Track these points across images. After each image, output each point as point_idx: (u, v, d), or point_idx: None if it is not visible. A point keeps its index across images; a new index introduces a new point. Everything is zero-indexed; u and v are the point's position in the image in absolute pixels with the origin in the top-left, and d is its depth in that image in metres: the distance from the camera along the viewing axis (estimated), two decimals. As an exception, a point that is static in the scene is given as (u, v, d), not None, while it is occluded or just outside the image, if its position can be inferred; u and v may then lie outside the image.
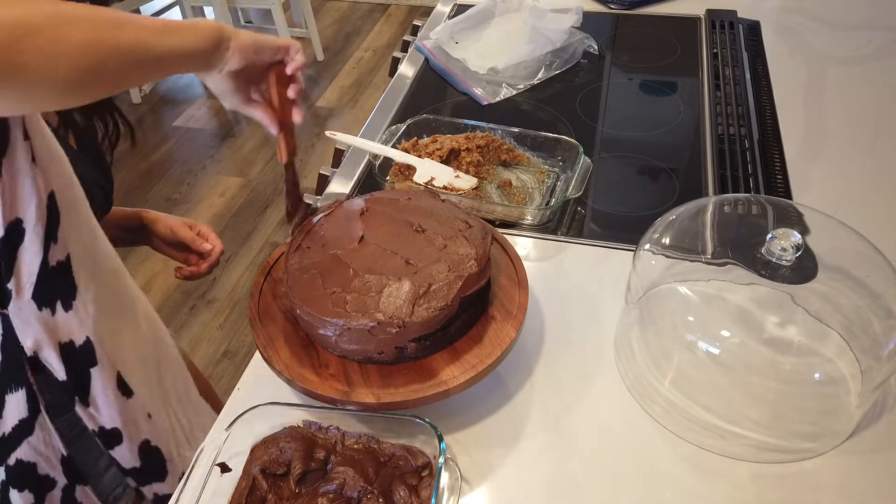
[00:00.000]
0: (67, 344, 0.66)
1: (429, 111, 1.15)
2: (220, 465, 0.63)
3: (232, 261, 2.27)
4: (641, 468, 0.65)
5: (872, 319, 0.64)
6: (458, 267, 0.67)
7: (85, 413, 0.72)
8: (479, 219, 0.75)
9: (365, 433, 0.66)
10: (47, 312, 0.63)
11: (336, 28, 3.64)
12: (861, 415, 0.66)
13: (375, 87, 3.09)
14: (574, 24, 1.28)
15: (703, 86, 1.19)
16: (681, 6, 1.44)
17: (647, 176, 1.03)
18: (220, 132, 2.89)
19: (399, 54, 1.38)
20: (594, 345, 0.76)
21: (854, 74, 1.20)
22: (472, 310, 0.69)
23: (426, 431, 0.63)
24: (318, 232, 0.74)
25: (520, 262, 0.76)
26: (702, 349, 0.63)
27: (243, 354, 1.97)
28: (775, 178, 0.97)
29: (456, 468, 0.65)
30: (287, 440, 0.65)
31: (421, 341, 0.65)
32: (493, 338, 0.68)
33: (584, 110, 1.16)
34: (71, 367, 0.68)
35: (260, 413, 0.65)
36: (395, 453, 0.64)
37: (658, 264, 0.70)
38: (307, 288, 0.67)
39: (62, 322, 0.65)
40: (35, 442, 0.69)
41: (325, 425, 0.66)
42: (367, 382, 0.65)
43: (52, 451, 0.71)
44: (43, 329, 0.64)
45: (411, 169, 0.95)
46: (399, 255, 0.69)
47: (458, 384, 0.64)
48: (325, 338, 0.66)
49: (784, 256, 0.63)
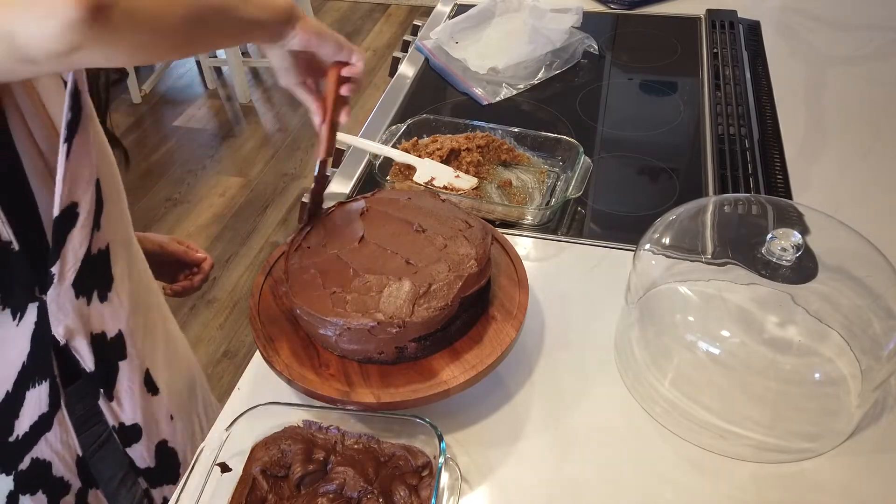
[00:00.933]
0: (99, 335, 0.66)
1: (429, 111, 1.14)
2: (220, 465, 0.63)
3: (232, 261, 2.27)
4: (641, 468, 0.65)
5: (872, 319, 0.64)
6: (459, 267, 0.67)
7: (107, 407, 0.71)
8: (479, 219, 0.75)
9: (365, 433, 0.66)
10: (83, 301, 0.63)
11: (336, 28, 3.62)
12: (861, 415, 0.66)
13: (375, 87, 3.09)
14: (574, 24, 1.28)
15: (704, 86, 1.19)
16: (681, 6, 1.44)
17: (647, 176, 1.03)
18: (220, 132, 2.90)
19: (399, 54, 1.38)
20: (594, 345, 0.76)
21: (854, 74, 1.20)
22: (473, 310, 0.69)
23: (426, 431, 0.63)
24: (318, 232, 0.74)
25: (520, 262, 0.76)
26: (702, 349, 0.63)
27: (243, 354, 1.97)
28: (775, 178, 0.97)
29: (456, 468, 0.65)
30: (287, 441, 0.65)
31: (421, 341, 0.65)
32: (494, 338, 0.68)
33: (584, 110, 1.16)
34: (101, 359, 0.67)
35: (260, 413, 0.65)
36: (395, 453, 0.64)
37: (658, 264, 0.70)
38: (307, 287, 0.67)
39: (96, 313, 0.65)
40: (52, 439, 0.68)
41: (324, 425, 0.66)
42: (368, 382, 0.65)
43: (69, 451, 0.70)
44: (77, 317, 0.63)
45: (411, 169, 0.95)
46: (399, 254, 0.69)
47: (458, 384, 0.64)
48: (325, 337, 0.66)
49: (784, 256, 0.63)
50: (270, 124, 2.94)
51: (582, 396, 0.71)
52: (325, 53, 0.68)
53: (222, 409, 0.73)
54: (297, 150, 2.76)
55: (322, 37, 0.67)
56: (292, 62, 0.68)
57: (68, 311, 0.62)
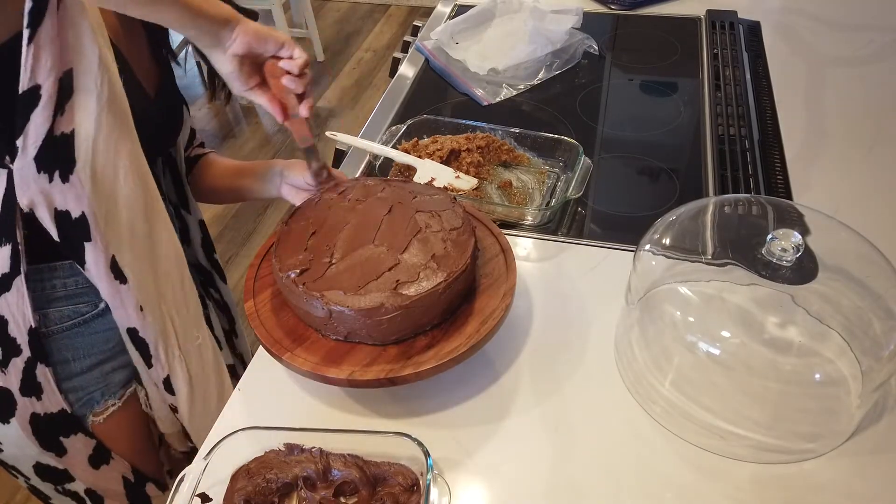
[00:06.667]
0: (63, 213, 0.69)
1: (429, 112, 1.15)
2: (199, 496, 0.61)
3: (232, 261, 2.27)
4: (641, 469, 0.65)
5: (873, 320, 0.64)
6: (444, 253, 0.69)
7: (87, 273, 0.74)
8: (460, 204, 0.77)
9: (350, 452, 0.64)
10: (45, 178, 0.67)
11: (336, 28, 3.64)
12: (861, 415, 0.66)
13: (376, 88, 3.09)
14: (574, 25, 1.28)
15: (704, 86, 1.19)
16: (681, 6, 1.44)
17: (648, 176, 1.03)
18: (220, 132, 2.90)
19: (399, 55, 1.38)
20: (594, 345, 0.76)
21: (854, 75, 1.20)
22: (458, 295, 0.70)
23: (412, 448, 0.62)
24: (300, 219, 0.76)
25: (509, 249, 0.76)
26: (702, 350, 0.63)
27: (243, 355, 1.97)
28: (775, 179, 0.97)
29: (444, 483, 0.64)
30: (273, 471, 0.63)
31: (407, 325, 0.66)
32: (479, 319, 0.69)
33: (584, 111, 1.16)
34: (65, 235, 0.70)
35: (239, 438, 0.64)
36: (381, 472, 0.63)
37: (658, 265, 0.70)
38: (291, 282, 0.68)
39: (58, 190, 0.68)
40: (11, 300, 0.73)
41: (307, 447, 0.64)
42: (350, 363, 0.66)
43: (23, 318, 0.74)
44: (39, 191, 0.67)
45: (412, 169, 0.95)
46: (385, 241, 0.71)
47: (430, 367, 0.65)
48: (313, 318, 0.68)
49: (784, 257, 0.63)
50: (270, 125, 2.94)
51: (582, 397, 0.71)
52: (268, 51, 0.74)
53: (222, 410, 0.73)
54: (297, 151, 2.75)
55: (262, 37, 0.73)
56: (238, 66, 0.74)
57: (31, 184, 0.67)
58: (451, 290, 0.67)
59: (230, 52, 0.73)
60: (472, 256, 0.70)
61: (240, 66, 0.74)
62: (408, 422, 0.69)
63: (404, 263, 0.68)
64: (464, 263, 0.68)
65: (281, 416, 0.71)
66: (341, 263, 0.69)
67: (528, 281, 0.84)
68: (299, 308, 0.69)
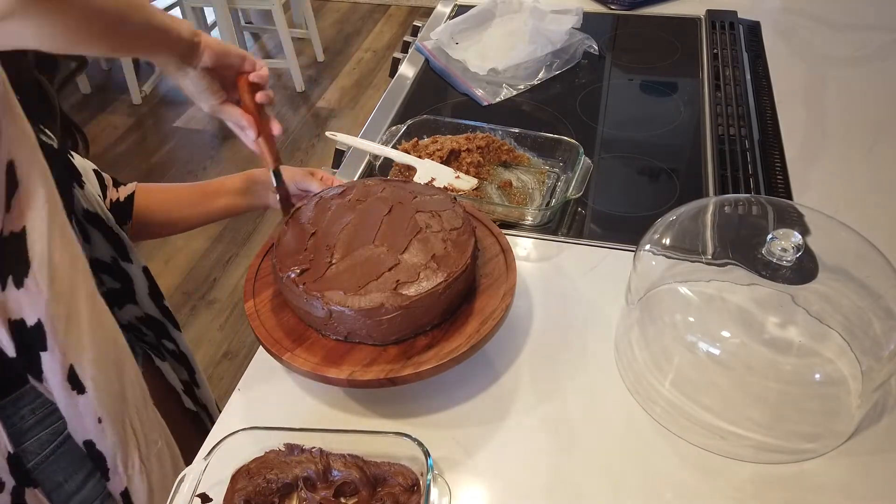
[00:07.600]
0: (18, 322, 0.63)
1: (429, 112, 1.15)
2: (200, 496, 0.61)
3: (232, 262, 2.27)
4: (641, 469, 0.65)
5: (873, 320, 0.64)
6: (444, 254, 0.69)
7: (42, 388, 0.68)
8: (460, 204, 0.76)
9: (350, 452, 0.64)
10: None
11: (336, 29, 3.64)
12: (861, 415, 0.66)
13: (376, 88, 3.09)
14: (574, 25, 1.28)
15: (704, 86, 1.19)
16: (681, 6, 1.44)
17: (648, 176, 1.03)
18: (220, 133, 2.90)
19: (399, 55, 1.38)
20: (594, 345, 0.76)
21: (854, 75, 1.20)
22: (458, 295, 0.70)
23: (412, 448, 0.62)
24: (300, 219, 0.77)
25: (509, 249, 0.76)
26: (702, 350, 0.63)
27: (244, 355, 1.97)
28: (775, 179, 0.97)
29: (445, 483, 0.64)
30: (270, 469, 0.63)
31: (407, 326, 0.66)
32: (479, 319, 0.69)
33: (584, 111, 1.16)
34: (22, 347, 0.64)
35: (239, 439, 0.63)
36: (382, 472, 0.63)
37: (658, 265, 0.70)
38: (292, 281, 0.68)
39: (13, 298, 0.62)
40: None
41: (307, 447, 0.64)
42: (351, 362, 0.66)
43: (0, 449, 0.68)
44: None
45: (412, 169, 0.95)
46: (385, 242, 0.70)
47: (430, 367, 0.65)
48: (313, 318, 0.67)
49: (784, 257, 0.63)
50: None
51: (582, 397, 0.71)
52: (232, 65, 0.73)
53: (222, 411, 0.73)
54: (297, 151, 2.76)
55: (225, 51, 0.71)
56: (208, 83, 0.72)
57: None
58: (451, 291, 0.67)
59: (200, 67, 0.69)
60: (472, 256, 0.70)
61: (209, 82, 0.72)
62: (408, 422, 0.69)
63: (404, 263, 0.68)
64: (464, 263, 0.68)
65: (281, 416, 0.71)
66: (341, 263, 0.69)
67: (528, 281, 0.84)
68: (299, 308, 0.69)
